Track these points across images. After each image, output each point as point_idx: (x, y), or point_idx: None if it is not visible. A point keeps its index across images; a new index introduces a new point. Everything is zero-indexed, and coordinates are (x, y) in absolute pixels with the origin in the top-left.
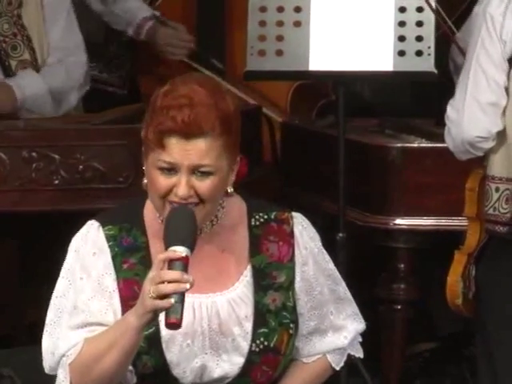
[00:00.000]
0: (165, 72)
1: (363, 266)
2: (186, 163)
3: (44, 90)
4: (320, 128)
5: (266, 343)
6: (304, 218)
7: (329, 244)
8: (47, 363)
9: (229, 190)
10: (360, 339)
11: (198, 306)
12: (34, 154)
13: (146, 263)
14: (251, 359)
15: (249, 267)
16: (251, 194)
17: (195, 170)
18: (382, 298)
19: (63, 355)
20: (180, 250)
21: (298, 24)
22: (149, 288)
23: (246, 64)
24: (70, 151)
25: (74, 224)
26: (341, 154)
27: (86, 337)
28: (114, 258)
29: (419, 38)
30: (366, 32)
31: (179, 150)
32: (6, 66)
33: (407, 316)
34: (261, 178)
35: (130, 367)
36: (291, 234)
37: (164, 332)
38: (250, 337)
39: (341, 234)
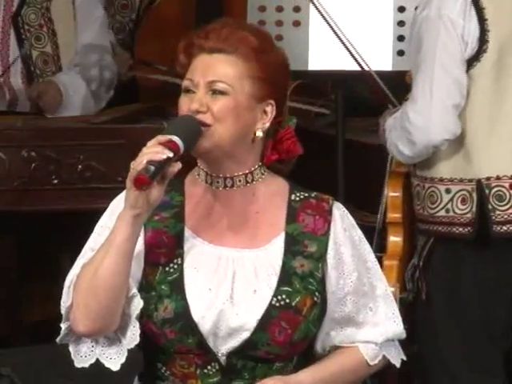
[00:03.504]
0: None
1: None
2: (202, 79)
3: (84, 88)
4: (319, 127)
5: (287, 301)
6: (344, 208)
7: None
8: (63, 308)
9: (257, 134)
10: (398, 346)
11: (225, 257)
12: (33, 153)
13: (178, 218)
14: (270, 312)
15: (282, 234)
16: None
17: (211, 87)
18: None
19: (71, 282)
20: (169, 136)
21: (297, 24)
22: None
23: None
24: (70, 151)
25: (73, 223)
26: (339, 154)
27: None
28: None
29: None
30: (365, 32)
31: (201, 66)
32: (27, 56)
33: (407, 315)
34: None
35: (135, 290)
36: (329, 212)
37: (187, 277)
38: (272, 292)
39: None
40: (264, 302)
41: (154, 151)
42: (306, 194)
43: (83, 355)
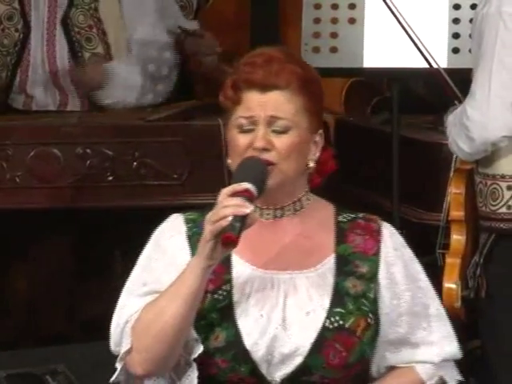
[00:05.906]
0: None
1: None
2: (262, 114)
3: (139, 74)
4: (374, 125)
5: (341, 322)
6: (392, 227)
7: None
8: (112, 338)
9: (310, 164)
10: (454, 366)
11: (276, 281)
12: (88, 150)
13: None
14: (324, 334)
15: (333, 255)
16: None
17: (272, 124)
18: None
19: (127, 321)
20: (245, 185)
21: (352, 21)
22: (209, 217)
23: None
24: (125, 148)
25: (127, 221)
26: (394, 151)
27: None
28: (190, 237)
29: None
30: (420, 29)
31: (256, 103)
32: (78, 57)
33: (468, 313)
34: None
35: (195, 335)
36: (378, 231)
37: (237, 304)
38: (325, 313)
39: None
40: (317, 324)
41: (235, 205)
42: (353, 215)
43: None
